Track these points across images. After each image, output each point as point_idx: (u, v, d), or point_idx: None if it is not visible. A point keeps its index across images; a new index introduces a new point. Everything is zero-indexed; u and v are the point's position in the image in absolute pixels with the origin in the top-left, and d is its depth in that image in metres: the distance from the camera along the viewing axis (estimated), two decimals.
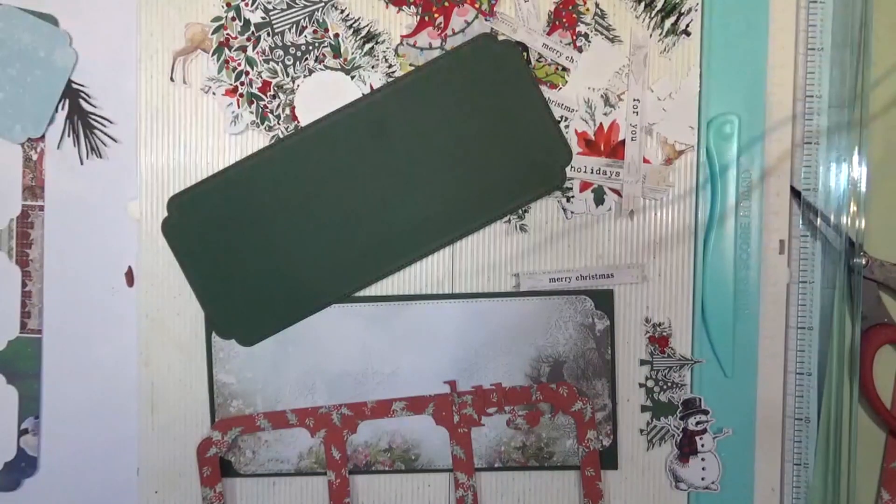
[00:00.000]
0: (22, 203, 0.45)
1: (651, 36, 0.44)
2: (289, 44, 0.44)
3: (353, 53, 0.44)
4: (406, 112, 0.43)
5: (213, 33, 0.44)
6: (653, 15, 0.44)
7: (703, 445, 0.45)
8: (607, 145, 0.44)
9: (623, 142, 0.44)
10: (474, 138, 0.43)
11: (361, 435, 0.45)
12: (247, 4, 0.43)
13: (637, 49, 0.44)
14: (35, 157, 0.45)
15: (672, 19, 0.44)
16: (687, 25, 0.44)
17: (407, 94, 0.43)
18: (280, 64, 0.44)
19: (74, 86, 0.44)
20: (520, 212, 0.44)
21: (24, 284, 0.45)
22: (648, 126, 0.44)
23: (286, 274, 0.44)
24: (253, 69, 0.44)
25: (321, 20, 0.44)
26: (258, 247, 0.43)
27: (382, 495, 0.45)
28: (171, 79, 0.44)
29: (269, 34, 0.43)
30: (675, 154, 0.44)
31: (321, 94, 0.44)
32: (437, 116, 0.43)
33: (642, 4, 0.44)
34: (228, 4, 0.44)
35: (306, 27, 0.44)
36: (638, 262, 0.44)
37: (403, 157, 0.43)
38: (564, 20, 0.44)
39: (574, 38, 0.44)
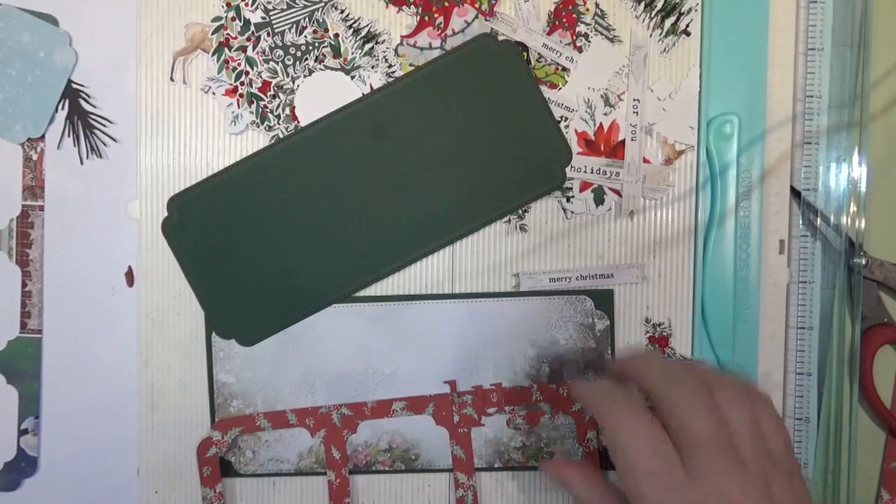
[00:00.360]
0: (22, 203, 0.45)
1: (651, 36, 0.44)
2: (289, 44, 0.44)
3: (353, 53, 0.44)
4: (406, 112, 0.43)
5: (213, 33, 0.44)
6: (653, 15, 0.44)
7: None
8: (607, 145, 0.44)
9: (623, 142, 0.44)
10: (474, 138, 0.43)
11: (361, 435, 0.45)
12: (247, 4, 0.43)
13: (637, 49, 0.44)
14: (35, 157, 0.45)
15: (672, 19, 0.44)
16: (687, 25, 0.44)
17: (407, 94, 0.43)
18: (280, 64, 0.44)
19: (74, 86, 0.44)
20: (520, 212, 0.44)
21: (24, 284, 0.45)
22: (648, 126, 0.44)
23: (286, 274, 0.44)
24: (253, 69, 0.44)
25: (321, 20, 0.44)
26: (258, 247, 0.43)
27: (382, 495, 0.45)
28: (171, 79, 0.44)
29: (269, 34, 0.43)
30: (675, 154, 0.44)
31: (321, 94, 0.44)
32: (437, 116, 0.43)
33: (642, 4, 0.44)
34: (228, 4, 0.44)
35: (306, 27, 0.44)
36: (638, 262, 0.44)
37: (403, 157, 0.43)
38: (564, 20, 0.44)
39: (574, 38, 0.44)
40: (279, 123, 0.44)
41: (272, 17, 0.43)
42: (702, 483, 0.30)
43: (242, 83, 0.44)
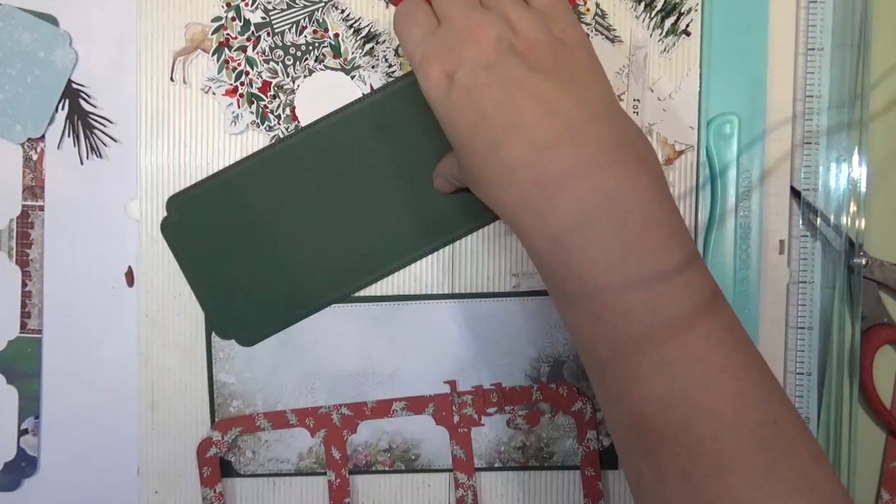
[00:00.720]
0: (22, 203, 0.45)
1: (651, 36, 0.44)
2: (289, 44, 0.44)
3: (353, 53, 0.44)
4: (406, 112, 0.43)
5: (213, 33, 0.44)
6: (653, 15, 0.44)
7: None
8: None
9: None
10: None
11: (361, 435, 0.45)
12: (247, 4, 0.43)
13: (637, 49, 0.44)
14: (35, 157, 0.45)
15: (672, 19, 0.44)
16: (687, 25, 0.44)
17: (407, 94, 0.43)
18: (280, 64, 0.44)
19: (74, 86, 0.44)
20: None
21: (24, 284, 0.45)
22: (648, 126, 0.44)
23: (286, 274, 0.44)
24: (253, 69, 0.44)
25: (321, 20, 0.44)
26: (258, 246, 0.43)
27: (382, 495, 0.45)
28: (171, 79, 0.44)
29: (269, 34, 0.43)
30: (675, 154, 0.44)
31: (321, 94, 0.44)
32: None
33: (642, 4, 0.44)
34: (228, 4, 0.44)
35: (306, 27, 0.44)
36: None
37: (403, 156, 0.43)
38: None
39: None
40: (279, 123, 0.44)
41: (272, 17, 0.43)
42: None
43: (242, 83, 0.44)
